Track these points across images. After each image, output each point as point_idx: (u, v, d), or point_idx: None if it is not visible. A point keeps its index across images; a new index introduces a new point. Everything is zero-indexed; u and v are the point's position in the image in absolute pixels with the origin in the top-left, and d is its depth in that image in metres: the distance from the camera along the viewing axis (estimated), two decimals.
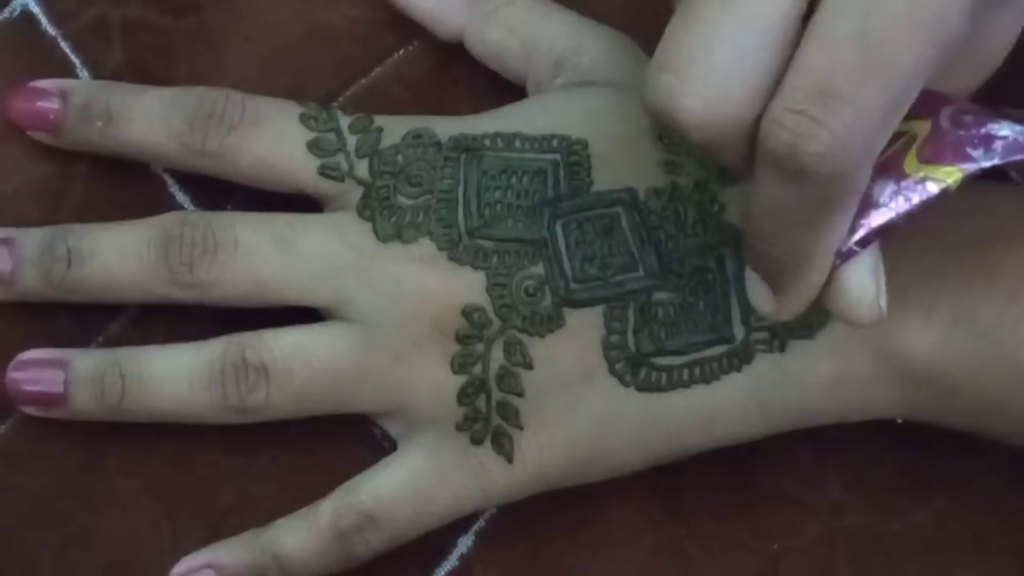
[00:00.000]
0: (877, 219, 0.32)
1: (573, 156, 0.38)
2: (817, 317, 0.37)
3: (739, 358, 0.38)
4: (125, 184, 0.41)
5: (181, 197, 0.41)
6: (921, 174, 0.32)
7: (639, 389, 0.38)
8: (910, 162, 0.32)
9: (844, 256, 0.32)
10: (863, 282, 0.33)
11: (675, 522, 0.40)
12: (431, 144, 0.39)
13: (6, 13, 0.42)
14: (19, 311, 0.39)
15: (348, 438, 0.39)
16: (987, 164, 0.32)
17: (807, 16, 0.30)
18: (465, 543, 0.40)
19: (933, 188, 0.32)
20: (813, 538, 0.40)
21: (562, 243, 0.38)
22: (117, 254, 0.38)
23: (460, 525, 0.39)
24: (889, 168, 0.32)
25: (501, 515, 0.40)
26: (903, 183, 0.32)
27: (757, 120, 0.30)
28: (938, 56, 0.30)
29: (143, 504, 0.39)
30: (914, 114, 0.31)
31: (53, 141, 0.40)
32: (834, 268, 0.33)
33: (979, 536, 0.40)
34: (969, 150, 0.32)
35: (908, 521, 0.40)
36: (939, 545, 0.40)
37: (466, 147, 0.39)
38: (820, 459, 0.40)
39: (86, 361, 0.39)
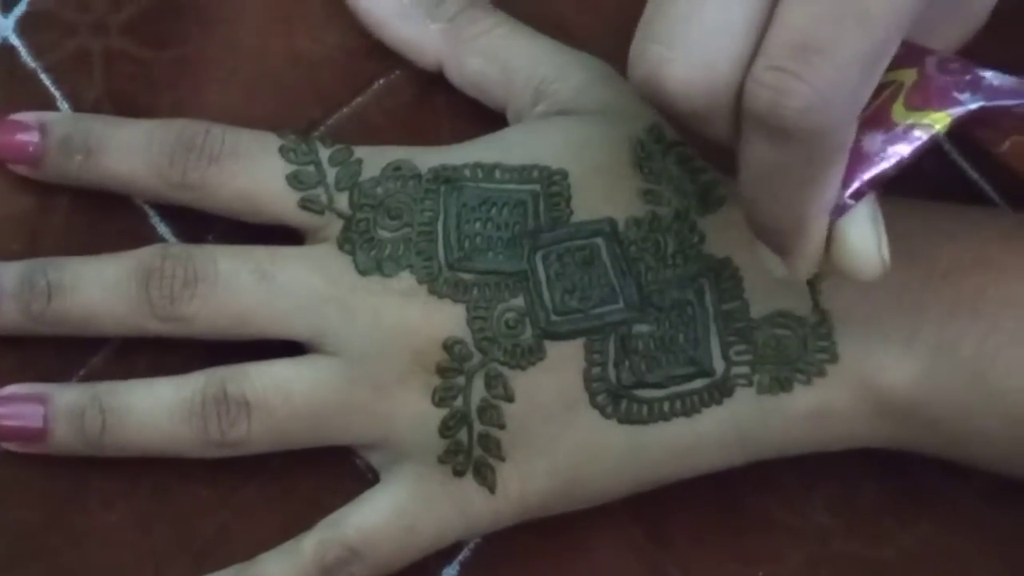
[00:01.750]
0: (869, 171, 0.31)
1: (553, 187, 0.38)
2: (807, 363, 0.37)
3: (720, 391, 0.37)
4: (107, 216, 0.40)
5: (163, 229, 0.40)
6: (909, 121, 0.31)
7: (620, 421, 0.37)
8: (897, 111, 0.31)
9: (839, 211, 0.32)
10: (863, 234, 0.32)
11: (660, 549, 0.39)
12: (411, 176, 0.38)
13: None
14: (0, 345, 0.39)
15: (331, 470, 0.39)
16: (974, 106, 0.31)
17: None
18: (450, 573, 0.39)
19: (922, 135, 0.31)
20: (799, 564, 0.39)
21: (542, 275, 0.37)
22: (98, 287, 0.38)
23: (445, 555, 0.39)
24: (877, 119, 0.31)
25: (486, 545, 0.39)
26: (892, 132, 0.31)
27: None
28: (917, 7, 0.29)
29: (127, 538, 0.39)
30: (899, 64, 0.31)
31: (33, 174, 0.39)
32: (832, 224, 0.32)
33: (965, 560, 0.39)
34: (956, 94, 0.31)
35: (894, 546, 0.40)
36: (925, 570, 0.39)
37: (446, 179, 0.38)
38: (805, 484, 0.40)
39: (66, 396, 0.38)
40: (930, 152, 0.32)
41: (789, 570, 0.39)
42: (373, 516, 0.37)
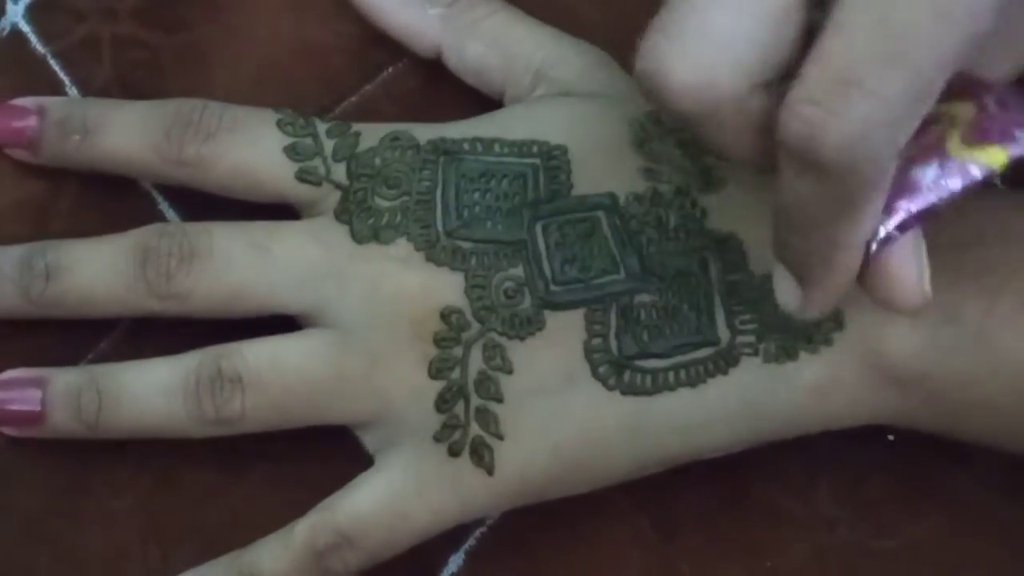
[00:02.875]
0: (918, 203, 0.30)
1: (553, 161, 0.37)
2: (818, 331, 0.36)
3: (725, 361, 0.36)
4: (114, 200, 0.40)
5: (171, 214, 0.40)
6: (965, 156, 0.30)
7: (623, 392, 0.36)
8: (953, 144, 0.30)
9: (882, 242, 0.30)
10: (906, 266, 0.31)
11: (666, 539, 0.38)
12: (409, 147, 0.37)
13: None
14: (6, 330, 0.38)
15: (338, 455, 0.38)
16: None
17: (822, 1, 0.28)
18: (456, 562, 0.38)
19: (977, 172, 0.30)
20: (805, 554, 0.38)
21: (542, 245, 0.36)
22: (95, 268, 0.37)
23: (450, 543, 0.38)
24: (931, 150, 0.30)
25: (492, 534, 0.38)
26: (946, 166, 0.30)
27: (753, 104, 0.29)
28: (964, 48, 0.28)
29: (132, 523, 0.38)
30: (956, 97, 0.29)
31: (33, 159, 0.39)
32: (871, 255, 0.31)
33: (971, 551, 0.39)
34: (1016, 132, 0.30)
35: (901, 537, 0.39)
36: (932, 561, 0.38)
37: (445, 150, 0.37)
38: (811, 475, 0.39)
39: (64, 379, 0.37)
40: None
41: (796, 561, 0.38)
42: (366, 501, 0.36)
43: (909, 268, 0.31)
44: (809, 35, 0.29)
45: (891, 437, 0.39)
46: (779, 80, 0.30)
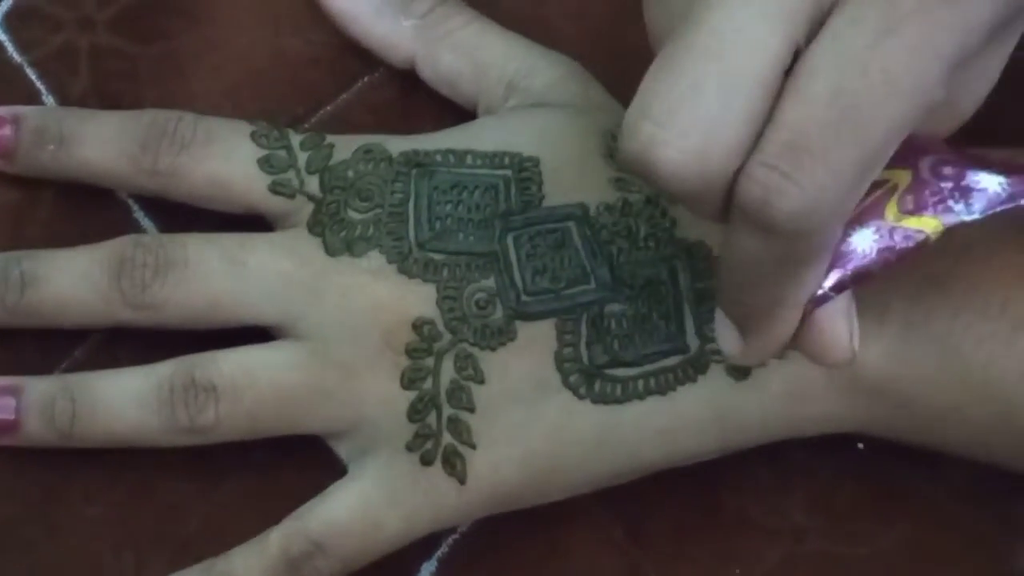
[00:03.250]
0: (853, 267, 0.31)
1: (524, 172, 0.37)
2: None
3: (694, 368, 0.36)
4: (90, 210, 0.40)
5: (146, 223, 0.40)
6: (902, 224, 0.31)
7: (594, 401, 0.36)
8: (890, 211, 0.31)
9: (817, 301, 0.31)
10: (837, 326, 0.31)
11: (639, 548, 0.39)
12: (382, 159, 0.37)
13: None
14: None
15: (314, 464, 0.38)
16: (968, 219, 0.31)
17: (788, 71, 0.28)
18: (428, 569, 0.38)
19: (911, 241, 0.31)
20: (775, 562, 0.38)
21: (513, 256, 0.37)
22: (70, 278, 0.37)
23: (423, 551, 0.38)
24: (868, 216, 0.31)
25: (464, 541, 0.38)
26: (882, 232, 0.31)
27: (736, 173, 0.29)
28: (914, 119, 0.28)
29: (107, 531, 0.38)
30: (895, 163, 0.30)
31: (7, 168, 0.39)
32: (806, 312, 0.31)
33: (941, 559, 0.39)
34: (951, 203, 0.31)
35: (871, 545, 0.39)
36: (902, 569, 0.39)
37: (417, 162, 0.37)
38: (783, 484, 0.39)
39: (38, 387, 0.37)
40: None
41: (765, 569, 0.39)
42: (338, 509, 0.36)
43: (840, 327, 0.32)
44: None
45: (860, 446, 0.39)
46: None
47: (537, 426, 0.36)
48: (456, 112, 0.41)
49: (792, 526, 0.39)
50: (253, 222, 0.39)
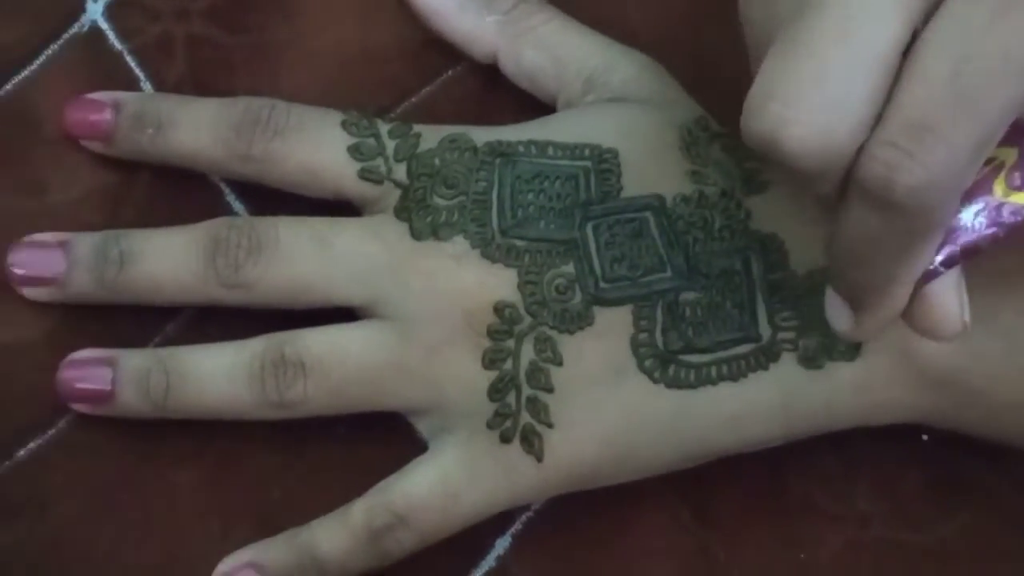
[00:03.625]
0: (963, 242, 0.31)
1: (604, 164, 0.38)
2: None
3: (766, 356, 0.37)
4: (184, 193, 0.40)
5: (237, 206, 0.41)
6: (1010, 200, 0.31)
7: (668, 386, 0.37)
8: (999, 188, 0.31)
9: (928, 276, 0.32)
10: (948, 300, 0.32)
11: (706, 529, 0.39)
12: (467, 148, 0.38)
13: (76, 28, 0.42)
14: (82, 313, 0.39)
15: (393, 438, 0.38)
16: None
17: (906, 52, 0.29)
18: (502, 545, 0.39)
19: (1020, 215, 0.31)
20: (839, 548, 0.39)
21: (592, 244, 0.37)
22: (167, 257, 0.38)
23: (497, 527, 0.38)
24: (977, 192, 0.31)
25: (537, 518, 0.39)
26: (991, 208, 0.31)
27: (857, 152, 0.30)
28: None
29: (195, 498, 0.39)
30: (1001, 142, 0.30)
31: (106, 150, 0.40)
32: (917, 287, 0.32)
33: (1003, 551, 0.39)
34: None
35: (934, 534, 0.39)
36: (964, 558, 0.39)
37: (501, 152, 0.38)
38: (848, 471, 0.40)
39: (133, 360, 0.38)
40: None
41: (829, 554, 0.39)
42: (420, 483, 0.37)
43: (952, 301, 0.33)
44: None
45: (925, 437, 0.39)
46: None
47: (612, 408, 0.37)
48: (535, 107, 0.41)
49: (856, 513, 0.40)
50: (341, 208, 0.40)
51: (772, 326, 0.37)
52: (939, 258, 0.32)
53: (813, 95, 0.29)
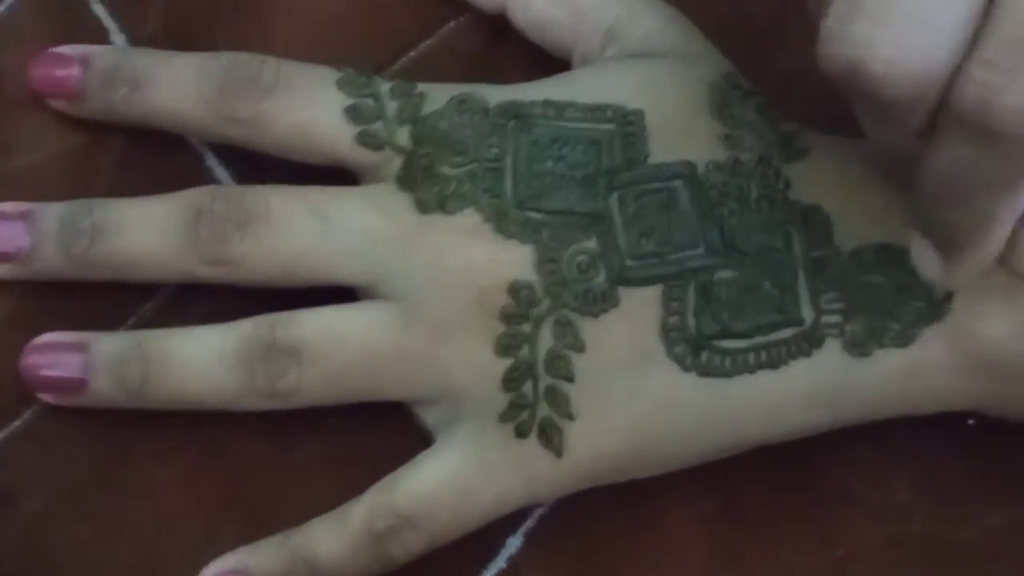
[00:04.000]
0: None
1: (628, 127, 0.36)
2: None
3: (808, 342, 0.35)
4: (162, 157, 0.38)
5: (221, 172, 0.39)
6: None
7: (700, 374, 0.35)
8: None
9: None
10: None
11: (734, 524, 0.37)
12: (478, 110, 0.36)
13: None
14: (50, 291, 0.37)
15: (392, 430, 0.36)
16: None
17: None
18: (514, 544, 0.37)
19: None
20: (880, 543, 0.37)
21: (617, 217, 0.35)
22: (144, 229, 0.36)
23: (509, 525, 0.36)
24: None
25: (551, 515, 0.37)
26: None
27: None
28: None
29: (176, 495, 0.37)
30: None
31: (74, 110, 0.38)
32: (1015, 230, 0.31)
33: None
34: None
35: (979, 528, 0.37)
36: (1010, 554, 0.37)
37: (515, 114, 0.36)
38: (887, 461, 0.38)
39: (107, 344, 0.36)
40: None
41: (870, 550, 0.37)
42: (427, 482, 0.35)
43: None
44: None
45: (971, 422, 0.37)
46: None
47: (639, 398, 0.35)
48: (547, 63, 0.39)
49: (897, 505, 0.38)
50: (334, 174, 0.37)
51: (815, 309, 0.35)
52: None
53: (905, 13, 0.27)
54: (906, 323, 0.35)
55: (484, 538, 0.36)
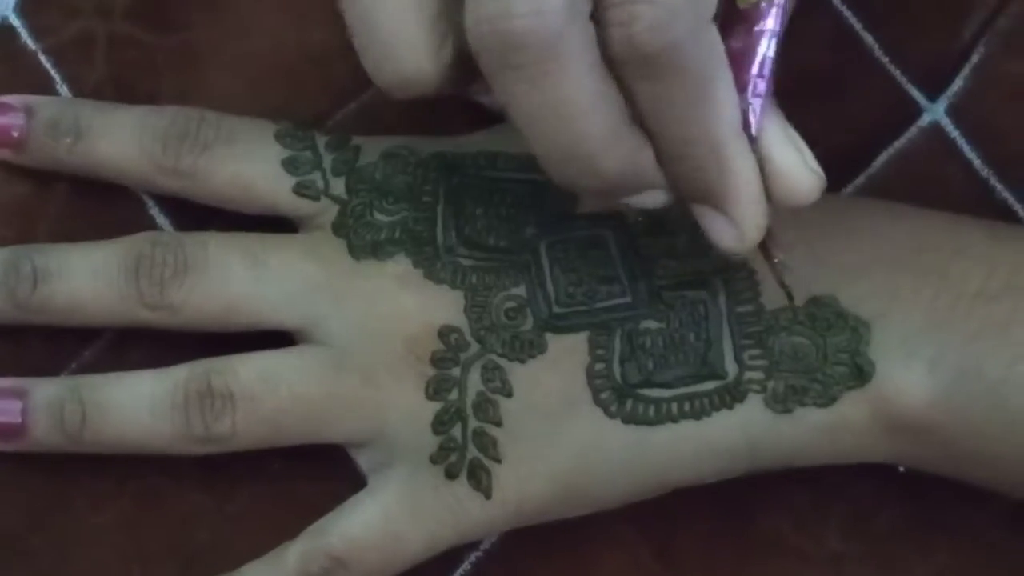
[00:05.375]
0: (753, 61, 0.31)
1: None
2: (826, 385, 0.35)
3: (731, 396, 0.35)
4: (104, 206, 0.38)
5: (162, 220, 0.39)
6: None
7: (625, 421, 0.35)
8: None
9: (751, 126, 0.31)
10: (784, 149, 0.31)
11: (667, 570, 0.37)
12: (411, 161, 0.36)
13: None
14: None
15: (331, 474, 0.37)
16: None
17: None
18: None
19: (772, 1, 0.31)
20: None
21: (546, 264, 0.35)
22: (85, 274, 0.36)
23: (443, 568, 0.37)
24: (729, 16, 0.31)
25: (487, 558, 0.37)
26: (749, 18, 0.31)
27: (583, 34, 0.29)
28: None
29: (114, 541, 0.37)
30: None
31: (17, 159, 0.38)
32: (756, 151, 0.31)
33: None
34: None
35: (910, 574, 0.38)
36: None
37: (447, 165, 0.36)
38: (819, 507, 0.38)
39: (46, 390, 0.36)
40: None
41: None
42: (359, 524, 0.35)
43: (788, 150, 0.31)
44: None
45: (902, 469, 0.37)
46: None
47: (565, 443, 0.35)
48: (486, 117, 0.39)
49: (829, 552, 0.38)
50: (274, 222, 0.37)
51: (739, 364, 0.35)
52: (749, 93, 0.31)
53: None
54: (828, 385, 0.35)
55: None
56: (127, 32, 0.40)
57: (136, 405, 0.35)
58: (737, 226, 0.31)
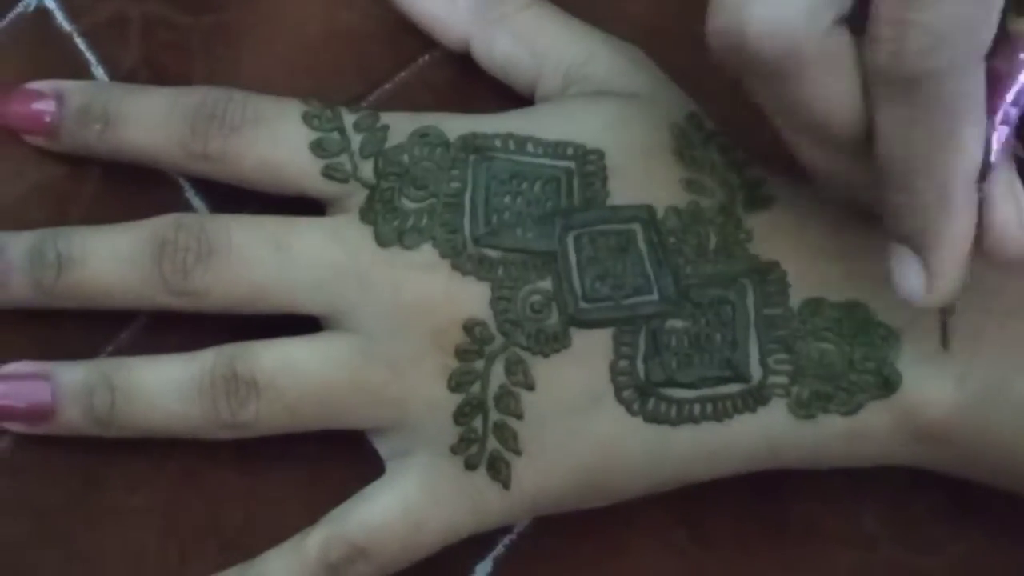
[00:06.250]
0: (1009, 88, 0.29)
1: (588, 166, 0.35)
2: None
3: (754, 399, 0.34)
4: (140, 188, 0.38)
5: (197, 202, 0.38)
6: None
7: (647, 419, 0.34)
8: (1011, 20, 0.29)
9: (994, 153, 0.29)
10: (1006, 202, 0.30)
11: (703, 552, 0.37)
12: (439, 144, 0.36)
13: (20, 7, 0.39)
14: (22, 319, 0.37)
15: (362, 457, 0.36)
16: None
17: None
18: (483, 570, 0.37)
19: None
20: (845, 572, 0.37)
21: (573, 258, 0.35)
22: (109, 260, 0.35)
23: (478, 551, 0.37)
24: (998, 41, 0.29)
25: (521, 542, 0.37)
26: (1016, 42, 0.29)
27: (833, 43, 0.29)
28: None
29: (149, 522, 0.37)
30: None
31: (50, 145, 0.37)
32: (982, 200, 0.30)
33: (1016, 572, 0.37)
34: None
35: (944, 555, 0.37)
36: None
37: (475, 147, 0.36)
38: (854, 490, 0.38)
39: (73, 374, 0.36)
40: None
41: None
42: (379, 512, 0.35)
43: (1007, 202, 0.30)
44: None
45: None
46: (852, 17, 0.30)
47: (585, 439, 0.35)
48: (519, 95, 0.39)
49: (863, 533, 0.38)
50: (306, 202, 0.37)
51: (764, 367, 0.35)
52: (997, 119, 0.30)
53: None
54: (853, 393, 0.34)
55: (453, 564, 0.36)
56: (161, 13, 0.40)
57: (163, 390, 0.35)
58: (931, 277, 0.31)
